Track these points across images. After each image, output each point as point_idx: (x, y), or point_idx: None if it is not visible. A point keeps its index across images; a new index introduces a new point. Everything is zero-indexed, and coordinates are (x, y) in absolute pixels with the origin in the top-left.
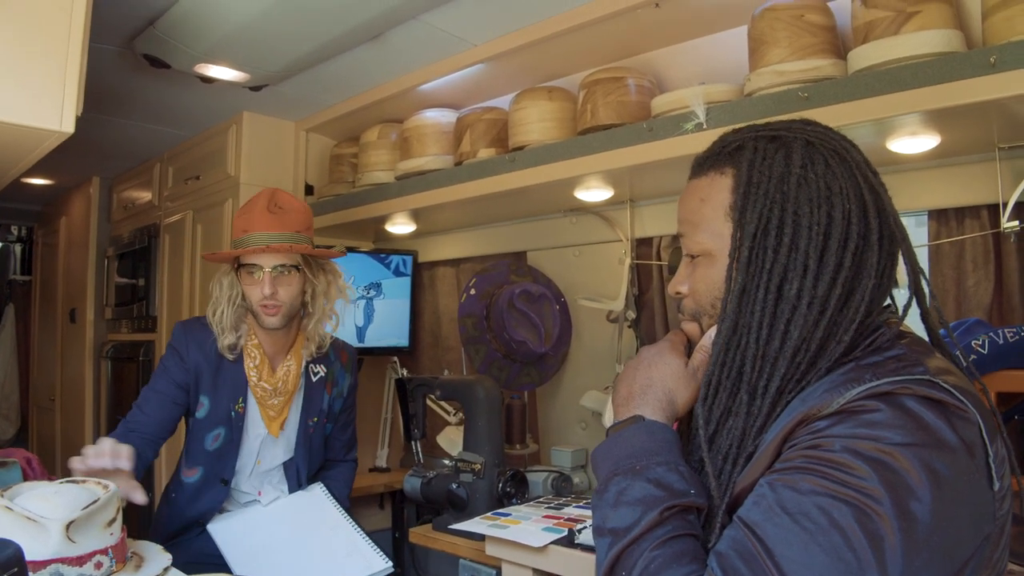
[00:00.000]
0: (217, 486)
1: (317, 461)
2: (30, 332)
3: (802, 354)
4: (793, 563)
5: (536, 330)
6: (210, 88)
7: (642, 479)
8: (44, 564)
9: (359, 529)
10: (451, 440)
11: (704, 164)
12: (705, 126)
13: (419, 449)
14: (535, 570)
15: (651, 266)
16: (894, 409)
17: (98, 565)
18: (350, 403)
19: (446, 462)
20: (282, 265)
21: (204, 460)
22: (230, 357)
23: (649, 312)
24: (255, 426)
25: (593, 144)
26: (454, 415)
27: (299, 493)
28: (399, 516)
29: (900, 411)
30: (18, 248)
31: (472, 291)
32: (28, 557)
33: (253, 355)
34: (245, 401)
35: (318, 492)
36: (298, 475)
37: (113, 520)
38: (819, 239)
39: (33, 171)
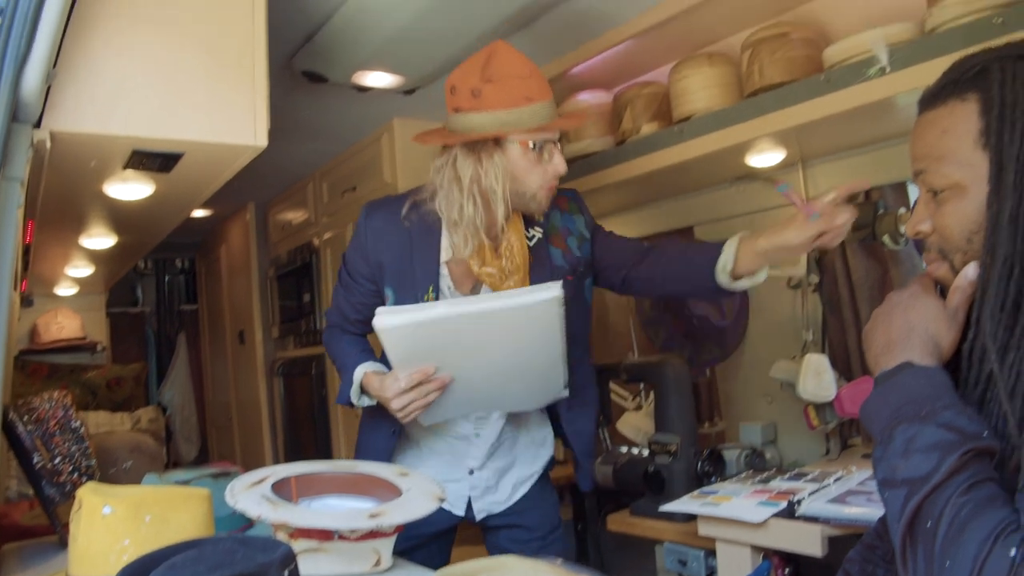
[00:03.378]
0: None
1: (581, 329)
2: (201, 357)
3: None
4: None
5: (716, 304)
6: (362, 98)
7: (931, 424)
8: None
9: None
10: (633, 426)
11: (939, 94)
12: (889, 70)
13: (607, 435)
14: (753, 547)
15: None
16: None
17: None
18: (601, 234)
19: (624, 449)
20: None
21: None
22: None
23: (831, 275)
24: None
25: (766, 104)
26: (631, 400)
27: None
28: (580, 508)
29: None
30: (182, 279)
31: None
32: None
33: (468, 241)
34: (436, 290)
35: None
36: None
37: None
38: None
39: None
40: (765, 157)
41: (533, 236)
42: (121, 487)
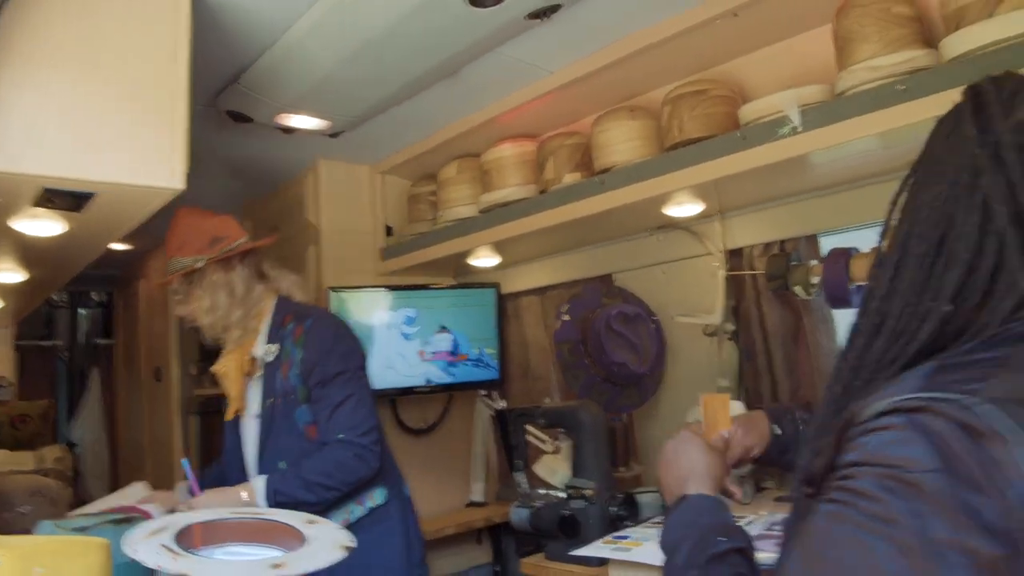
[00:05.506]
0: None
1: (292, 446)
2: (115, 394)
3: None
4: None
5: (635, 350)
6: (288, 139)
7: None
8: None
9: None
10: (550, 468)
11: None
12: (800, 129)
13: (524, 480)
14: None
15: (744, 277)
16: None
17: None
18: (318, 380)
19: (543, 491)
20: (171, 290)
21: None
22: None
23: (746, 323)
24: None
25: (684, 158)
26: (549, 443)
27: None
28: (499, 550)
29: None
30: (99, 312)
31: (566, 317)
32: None
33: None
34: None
35: None
36: (268, 457)
37: None
38: None
39: None
40: (684, 208)
41: (273, 354)
42: (11, 537)
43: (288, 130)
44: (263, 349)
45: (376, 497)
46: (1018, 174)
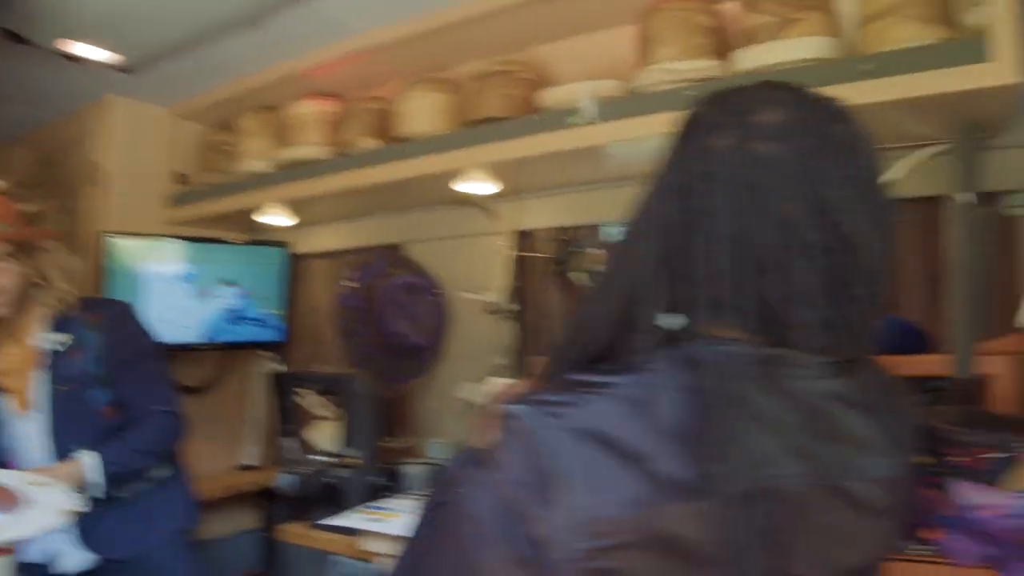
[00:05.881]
0: None
1: (88, 429)
2: None
3: None
4: None
5: (414, 323)
6: (75, 68)
7: None
8: None
9: None
10: (324, 435)
11: None
12: (593, 120)
13: (295, 445)
14: None
15: (533, 258)
16: None
17: None
18: (122, 361)
19: (319, 458)
20: None
21: None
22: None
23: (528, 304)
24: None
25: (480, 136)
26: (327, 409)
27: None
28: (270, 515)
29: None
30: None
31: (352, 283)
32: None
33: None
34: None
35: None
36: (61, 442)
37: None
38: None
39: None
40: (478, 186)
41: (64, 344)
42: None
43: (73, 58)
44: (50, 339)
45: (163, 470)
46: (674, 208)
